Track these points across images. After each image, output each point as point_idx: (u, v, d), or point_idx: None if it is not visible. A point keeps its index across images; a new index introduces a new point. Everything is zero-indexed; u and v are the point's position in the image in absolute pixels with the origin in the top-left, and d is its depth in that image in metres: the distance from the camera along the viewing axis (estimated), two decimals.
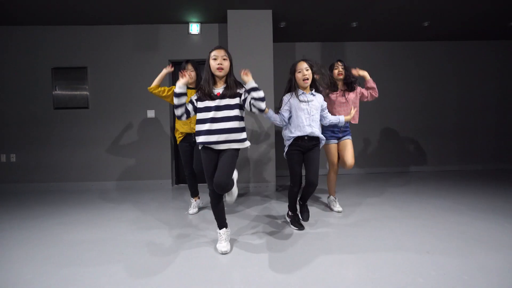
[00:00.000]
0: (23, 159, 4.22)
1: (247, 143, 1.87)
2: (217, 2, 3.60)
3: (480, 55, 5.16)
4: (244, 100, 1.80)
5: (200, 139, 1.81)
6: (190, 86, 2.61)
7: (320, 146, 2.29)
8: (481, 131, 5.22)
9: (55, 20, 3.98)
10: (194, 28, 4.14)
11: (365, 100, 2.78)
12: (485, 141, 5.22)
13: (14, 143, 4.21)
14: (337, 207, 2.76)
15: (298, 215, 2.36)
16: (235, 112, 1.81)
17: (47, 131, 4.22)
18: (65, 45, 4.19)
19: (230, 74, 1.85)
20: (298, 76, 2.17)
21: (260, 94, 1.73)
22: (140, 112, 4.24)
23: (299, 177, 2.23)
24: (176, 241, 2.06)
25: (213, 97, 1.80)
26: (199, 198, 2.90)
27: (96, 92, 4.23)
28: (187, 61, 2.63)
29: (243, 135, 1.84)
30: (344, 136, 2.68)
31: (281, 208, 2.92)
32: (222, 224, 1.92)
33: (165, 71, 2.64)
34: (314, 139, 2.22)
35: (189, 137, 2.70)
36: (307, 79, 2.15)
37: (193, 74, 2.59)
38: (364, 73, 2.72)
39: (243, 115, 1.88)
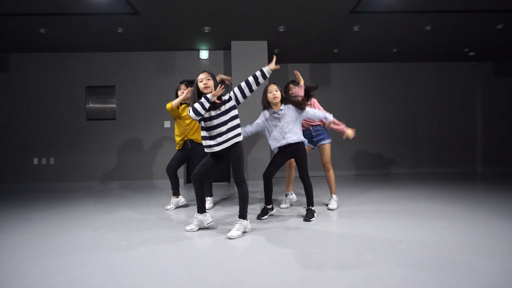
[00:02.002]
0: (60, 162, 5.06)
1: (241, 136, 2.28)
2: (223, 35, 4.51)
3: (444, 74, 6.06)
4: (237, 94, 2.23)
5: (208, 142, 2.24)
6: (183, 102, 3.10)
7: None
8: (449, 139, 6.07)
9: (90, 48, 4.90)
10: (204, 54, 5.06)
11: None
12: (452, 148, 6.06)
13: (52, 148, 5.06)
14: (282, 204, 3.12)
15: (266, 207, 2.73)
16: (230, 115, 2.22)
17: (80, 138, 5.08)
18: (97, 67, 5.10)
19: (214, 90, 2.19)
20: (269, 96, 2.59)
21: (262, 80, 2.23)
22: (158, 123, 5.11)
23: (268, 172, 2.65)
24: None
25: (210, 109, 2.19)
26: (177, 197, 3.23)
27: (122, 106, 5.11)
28: (181, 82, 3.11)
29: (238, 130, 2.26)
30: (320, 140, 3.00)
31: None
32: (200, 210, 2.34)
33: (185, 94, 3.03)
34: (295, 145, 2.57)
35: (186, 145, 3.14)
36: (276, 96, 2.57)
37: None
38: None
39: (236, 113, 2.27)
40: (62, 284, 1.50)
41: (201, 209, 2.36)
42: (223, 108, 2.22)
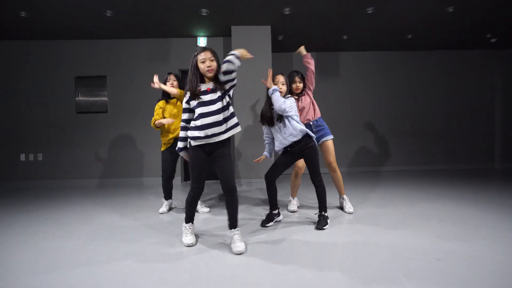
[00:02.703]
0: (48, 158, 4.71)
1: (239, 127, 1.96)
2: (222, 19, 4.10)
3: (461, 63, 5.61)
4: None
5: (195, 133, 1.85)
6: (174, 96, 2.79)
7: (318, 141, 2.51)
8: (463, 134, 5.65)
9: (78, 35, 4.50)
10: (202, 41, 4.65)
11: (310, 77, 2.68)
12: (468, 142, 5.65)
13: (40, 144, 4.70)
14: (290, 207, 2.77)
15: (272, 212, 2.39)
16: (225, 101, 1.88)
17: (70, 133, 4.71)
18: (87, 56, 4.70)
19: (218, 72, 1.88)
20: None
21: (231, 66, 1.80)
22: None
23: (270, 173, 2.32)
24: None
25: (201, 94, 1.85)
26: (170, 199, 2.97)
27: (114, 98, 4.73)
28: (169, 73, 2.86)
29: (235, 119, 1.94)
30: (321, 137, 2.66)
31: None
32: (189, 219, 2.02)
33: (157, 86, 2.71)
34: (302, 141, 2.23)
35: (174, 144, 2.79)
36: (281, 91, 2.23)
37: (175, 83, 2.83)
38: (301, 49, 2.73)
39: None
40: None
41: (190, 219, 2.05)
42: (219, 93, 1.85)
